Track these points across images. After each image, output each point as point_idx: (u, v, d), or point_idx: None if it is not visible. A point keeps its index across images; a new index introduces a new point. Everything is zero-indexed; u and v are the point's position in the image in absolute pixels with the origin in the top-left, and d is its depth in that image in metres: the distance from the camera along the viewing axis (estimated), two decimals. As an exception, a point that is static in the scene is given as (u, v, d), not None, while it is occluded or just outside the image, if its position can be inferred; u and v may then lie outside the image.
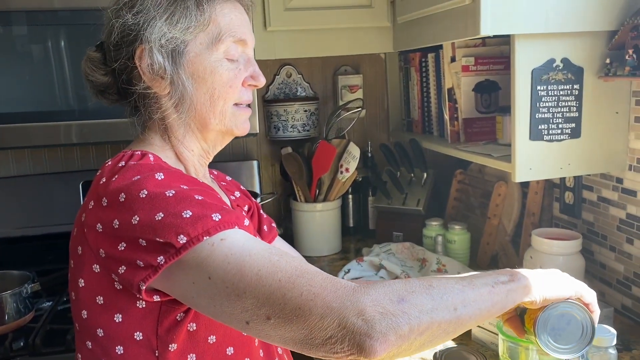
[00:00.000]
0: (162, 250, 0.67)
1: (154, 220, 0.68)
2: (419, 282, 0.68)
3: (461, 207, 1.78)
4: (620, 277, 1.26)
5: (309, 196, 1.72)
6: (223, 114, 0.83)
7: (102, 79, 0.84)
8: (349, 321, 0.62)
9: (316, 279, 0.65)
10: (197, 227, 0.67)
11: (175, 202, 0.69)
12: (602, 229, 1.31)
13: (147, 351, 0.76)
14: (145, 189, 0.70)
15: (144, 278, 0.68)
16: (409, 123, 1.89)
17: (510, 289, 0.71)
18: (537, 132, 1.16)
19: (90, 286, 0.75)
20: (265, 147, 1.92)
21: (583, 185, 1.36)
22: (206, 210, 0.69)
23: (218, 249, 0.66)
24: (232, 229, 0.69)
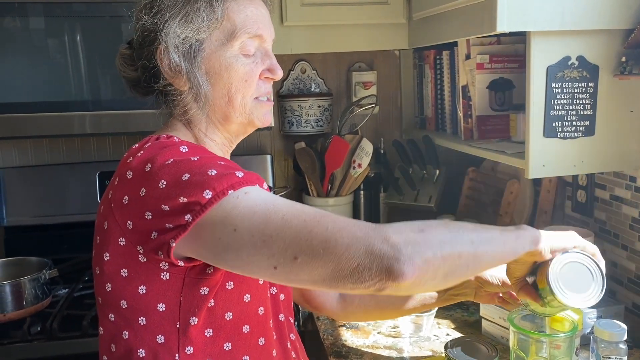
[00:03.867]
0: (188, 210, 0.70)
1: (181, 180, 0.71)
2: (434, 221, 0.73)
3: (473, 204, 1.79)
4: (631, 276, 1.27)
5: (322, 191, 1.73)
6: (243, 107, 0.86)
7: (132, 74, 0.88)
8: (375, 247, 0.64)
9: (339, 218, 0.69)
10: (223, 182, 0.70)
11: (200, 164, 0.73)
12: (615, 227, 1.31)
13: (169, 322, 0.78)
14: (171, 158, 0.74)
15: (174, 236, 0.71)
16: (422, 120, 1.89)
17: (518, 235, 0.77)
18: (551, 129, 1.17)
19: (115, 259, 0.77)
20: (278, 142, 1.94)
21: (596, 183, 1.37)
22: (230, 169, 0.73)
23: (243, 202, 0.70)
24: (254, 185, 0.73)
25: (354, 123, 1.81)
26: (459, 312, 1.31)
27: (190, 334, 0.79)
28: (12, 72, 1.43)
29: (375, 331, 1.23)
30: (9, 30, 1.41)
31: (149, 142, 0.83)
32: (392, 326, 1.24)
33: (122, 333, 0.79)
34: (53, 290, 1.45)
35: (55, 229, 1.72)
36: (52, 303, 1.40)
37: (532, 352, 0.93)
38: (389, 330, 1.22)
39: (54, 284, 1.46)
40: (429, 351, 1.15)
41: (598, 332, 0.95)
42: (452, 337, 1.18)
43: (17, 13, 1.40)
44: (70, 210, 1.72)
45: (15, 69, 1.43)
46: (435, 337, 1.20)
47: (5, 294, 1.28)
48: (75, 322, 1.32)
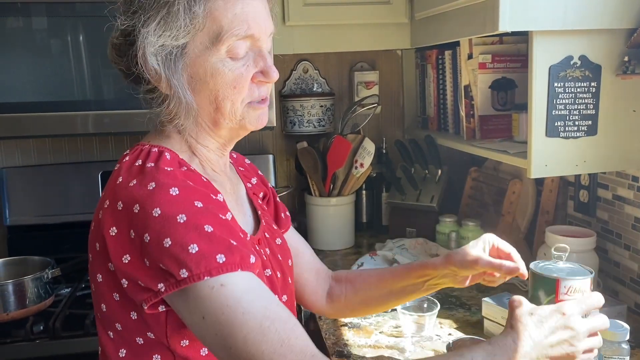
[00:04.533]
0: (163, 278, 0.68)
1: (162, 245, 0.68)
2: None
3: (475, 204, 1.78)
4: (634, 276, 1.27)
5: (324, 191, 1.74)
6: (233, 114, 0.79)
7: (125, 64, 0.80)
8: None
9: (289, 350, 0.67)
10: (200, 266, 0.67)
11: (185, 231, 0.68)
12: (617, 227, 1.31)
13: (161, 345, 0.77)
14: (158, 208, 0.69)
15: (145, 300, 0.70)
16: (424, 120, 1.90)
17: None
18: (553, 129, 1.17)
19: (107, 282, 0.75)
20: (280, 142, 1.94)
21: (598, 183, 1.36)
22: (213, 247, 0.69)
23: (216, 295, 0.68)
24: (235, 272, 0.69)
25: (356, 123, 1.81)
26: (461, 312, 1.31)
27: (185, 353, 0.77)
28: (15, 72, 1.43)
29: (377, 331, 1.23)
30: (12, 30, 1.41)
31: (139, 158, 0.77)
32: (394, 326, 1.24)
33: (119, 351, 0.78)
34: (56, 290, 1.45)
35: (57, 228, 1.72)
36: (55, 302, 1.41)
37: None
38: (391, 330, 1.22)
39: (56, 283, 1.47)
40: (431, 351, 1.14)
41: (600, 332, 0.95)
42: (454, 337, 1.18)
43: (20, 13, 1.40)
44: (73, 209, 1.72)
45: (18, 69, 1.43)
46: (437, 337, 1.20)
47: (8, 293, 1.29)
48: (78, 321, 1.32)
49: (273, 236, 0.95)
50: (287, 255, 0.97)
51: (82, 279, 1.55)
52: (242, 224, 0.86)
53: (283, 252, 0.95)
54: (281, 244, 0.96)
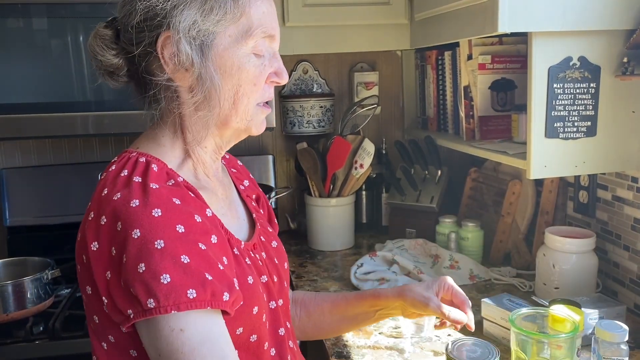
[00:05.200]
0: (132, 304, 0.67)
1: (136, 269, 0.66)
2: None
3: (475, 204, 1.79)
4: (633, 277, 1.27)
5: (323, 191, 1.74)
6: (246, 113, 0.79)
7: (112, 59, 0.77)
8: None
9: None
10: (170, 298, 0.66)
11: (160, 259, 0.66)
12: (617, 228, 1.31)
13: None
14: (138, 230, 0.67)
15: (121, 322, 0.69)
16: (424, 120, 1.90)
17: None
18: (552, 130, 1.17)
19: (96, 294, 0.72)
20: (280, 142, 1.94)
21: (598, 184, 1.36)
22: (185, 280, 0.67)
23: (174, 338, 0.67)
24: (203, 309, 0.67)
25: (356, 123, 1.81)
26: (460, 313, 1.31)
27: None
28: (15, 73, 1.43)
29: (376, 332, 1.23)
30: (12, 31, 1.41)
31: (125, 168, 0.74)
32: (393, 327, 1.24)
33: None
34: (55, 290, 1.45)
35: (57, 229, 1.72)
36: (55, 303, 1.41)
37: (534, 353, 0.93)
38: (390, 331, 1.22)
39: (56, 284, 1.47)
40: (430, 352, 1.15)
41: (599, 332, 0.95)
42: (453, 338, 1.18)
43: (20, 14, 1.41)
44: (73, 210, 1.72)
45: (18, 70, 1.43)
46: (436, 338, 1.20)
47: (7, 294, 1.29)
48: (78, 322, 1.32)
49: (269, 239, 0.93)
50: (283, 258, 0.96)
51: (82, 279, 1.56)
52: (236, 229, 0.85)
53: (279, 255, 0.94)
54: (277, 247, 0.95)
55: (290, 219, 1.90)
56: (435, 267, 1.54)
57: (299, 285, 1.49)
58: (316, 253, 1.75)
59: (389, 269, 1.49)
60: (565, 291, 1.24)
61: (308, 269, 1.61)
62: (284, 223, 1.91)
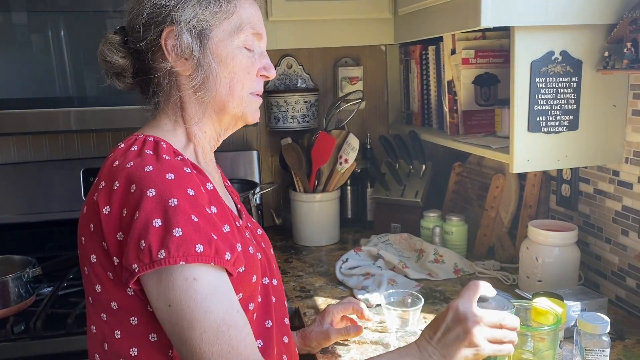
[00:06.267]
0: (138, 258, 0.72)
1: (151, 224, 0.72)
2: None
3: (459, 199, 1.79)
4: (614, 269, 1.28)
5: (308, 187, 1.73)
6: (241, 99, 0.88)
7: (120, 61, 0.87)
8: None
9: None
10: (180, 250, 0.71)
11: (174, 215, 0.73)
12: (598, 221, 1.32)
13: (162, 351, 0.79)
14: (154, 188, 0.74)
15: (126, 279, 0.74)
16: (408, 115, 1.90)
17: None
18: (535, 124, 1.18)
19: (101, 262, 0.78)
20: (264, 138, 1.94)
21: (580, 177, 1.38)
22: (195, 235, 0.73)
23: (187, 287, 0.72)
24: (209, 264, 0.73)
25: (340, 118, 1.81)
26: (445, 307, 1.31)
27: None
28: (-6, 68, 1.41)
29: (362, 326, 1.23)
30: (-10, 26, 1.39)
31: (135, 144, 0.82)
32: (378, 321, 1.24)
33: (114, 332, 0.80)
34: (37, 289, 1.43)
35: (39, 226, 1.70)
36: (36, 302, 1.39)
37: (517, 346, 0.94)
38: (375, 325, 1.23)
39: (37, 282, 1.45)
40: (415, 346, 1.15)
41: (581, 325, 0.96)
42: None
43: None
44: (54, 207, 1.70)
45: (-3, 65, 1.41)
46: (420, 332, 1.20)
47: (-13, 293, 1.27)
48: (60, 320, 1.30)
49: (254, 227, 1.01)
50: (269, 245, 1.02)
51: (64, 277, 1.53)
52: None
53: (265, 241, 1.01)
54: (262, 234, 1.02)
55: (275, 214, 1.89)
56: (419, 261, 1.55)
57: (285, 281, 1.49)
58: (301, 249, 1.74)
59: (374, 264, 1.49)
60: (548, 284, 1.26)
61: (293, 265, 1.61)
62: (269, 219, 1.90)
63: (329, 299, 1.37)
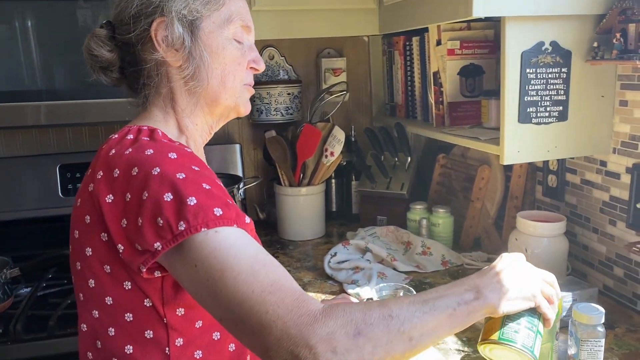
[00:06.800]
0: (159, 236, 0.69)
1: (162, 200, 0.69)
2: (380, 311, 0.67)
3: (443, 191, 1.79)
4: (602, 258, 1.29)
5: (293, 180, 1.71)
6: (233, 90, 0.87)
7: (107, 55, 0.85)
8: (301, 353, 0.63)
9: (287, 300, 0.66)
10: (198, 218, 0.68)
11: (184, 186, 0.70)
12: (585, 211, 1.33)
13: (156, 316, 0.77)
14: (158, 167, 0.72)
15: (143, 262, 0.71)
16: (392, 107, 1.88)
17: (472, 310, 0.72)
18: (525, 115, 1.17)
19: (97, 255, 0.76)
20: (247, 131, 1.90)
21: (567, 168, 1.38)
22: (210, 201, 0.70)
23: (210, 240, 0.68)
24: (231, 226, 0.70)
25: (325, 111, 1.78)
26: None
27: (179, 326, 0.78)
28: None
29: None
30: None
31: (130, 133, 0.80)
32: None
33: (107, 330, 0.78)
34: (15, 290, 1.38)
35: (14, 225, 1.63)
36: (15, 303, 1.33)
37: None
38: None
39: (15, 283, 1.39)
40: (409, 340, 1.14)
41: (577, 316, 0.96)
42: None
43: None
44: (30, 205, 1.64)
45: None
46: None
47: (-37, 296, 1.21)
48: (41, 322, 1.25)
49: None
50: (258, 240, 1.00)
51: (42, 277, 1.48)
52: None
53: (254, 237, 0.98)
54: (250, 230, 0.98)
55: (259, 209, 1.86)
56: (407, 254, 1.54)
57: (272, 277, 1.46)
58: (287, 243, 1.72)
59: (362, 257, 1.48)
60: (538, 274, 1.26)
61: (280, 260, 1.58)
62: (253, 214, 1.87)
63: (319, 294, 1.35)
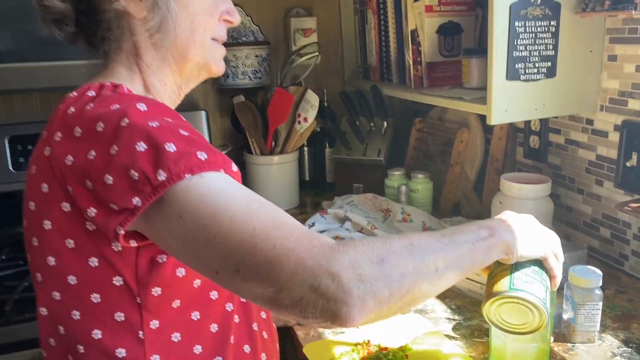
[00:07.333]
0: (137, 190, 0.59)
1: (135, 151, 0.60)
2: (400, 241, 0.62)
3: (420, 156, 1.74)
4: (587, 219, 1.27)
5: (265, 148, 1.61)
6: (203, 44, 0.78)
7: (59, 5, 0.74)
8: (322, 283, 0.55)
9: (294, 233, 0.58)
10: (180, 164, 0.59)
11: (159, 133, 0.61)
12: (570, 171, 1.30)
13: (128, 296, 0.68)
14: (126, 118, 0.62)
15: (121, 222, 0.60)
16: (365, 70, 1.80)
17: (490, 246, 0.69)
18: (514, 72, 1.11)
19: (58, 228, 0.66)
20: (213, 97, 1.78)
21: (550, 128, 1.34)
22: (191, 147, 0.61)
23: (195, 186, 0.59)
24: (218, 171, 0.61)
25: (296, 74, 1.69)
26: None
27: (154, 307, 0.70)
28: None
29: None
30: None
31: (90, 90, 0.70)
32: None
33: (70, 313, 0.69)
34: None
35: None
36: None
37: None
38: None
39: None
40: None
41: (573, 279, 0.92)
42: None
43: None
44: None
45: None
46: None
47: None
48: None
49: None
50: None
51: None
52: None
53: None
54: None
55: (229, 179, 1.76)
56: (387, 221, 1.49)
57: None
58: (260, 214, 1.64)
59: (341, 227, 1.42)
60: (524, 238, 1.22)
61: (253, 232, 1.51)
62: (222, 184, 1.78)
63: (298, 267, 1.28)
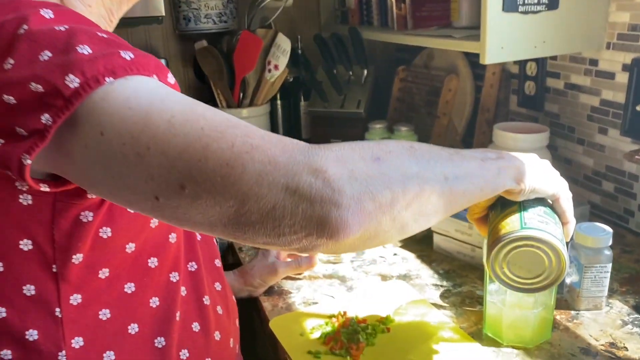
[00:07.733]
0: (46, 106, 0.44)
1: (37, 59, 0.45)
2: (398, 143, 0.50)
3: (404, 107, 1.59)
4: (588, 173, 1.14)
5: (232, 100, 1.46)
6: None
7: None
8: (301, 181, 0.42)
9: (257, 132, 0.45)
10: (97, 65, 0.44)
11: (68, 36, 0.46)
12: (570, 120, 1.17)
13: (41, 265, 0.54)
14: (25, 25, 0.47)
15: (27, 149, 0.45)
16: (343, 13, 1.64)
17: (501, 167, 0.57)
18: (511, 2, 0.96)
19: None
20: (173, 44, 1.61)
21: (547, 72, 1.20)
22: (112, 47, 0.46)
23: (118, 92, 0.44)
24: (149, 77, 0.47)
25: (265, 16, 1.52)
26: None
27: (74, 277, 0.56)
28: None
29: (310, 259, 1.02)
30: None
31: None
32: (330, 251, 1.04)
33: None
34: None
35: None
36: None
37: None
38: (326, 257, 1.03)
39: None
40: (377, 276, 0.96)
41: (580, 238, 0.80)
42: (400, 257, 1.01)
43: None
44: None
45: None
46: (381, 259, 1.02)
47: None
48: None
49: None
50: None
51: None
52: None
53: None
54: None
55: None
56: (368, 179, 1.35)
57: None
58: (229, 174, 1.49)
59: (317, 185, 1.28)
60: (519, 194, 1.10)
61: (221, 193, 1.36)
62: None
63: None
